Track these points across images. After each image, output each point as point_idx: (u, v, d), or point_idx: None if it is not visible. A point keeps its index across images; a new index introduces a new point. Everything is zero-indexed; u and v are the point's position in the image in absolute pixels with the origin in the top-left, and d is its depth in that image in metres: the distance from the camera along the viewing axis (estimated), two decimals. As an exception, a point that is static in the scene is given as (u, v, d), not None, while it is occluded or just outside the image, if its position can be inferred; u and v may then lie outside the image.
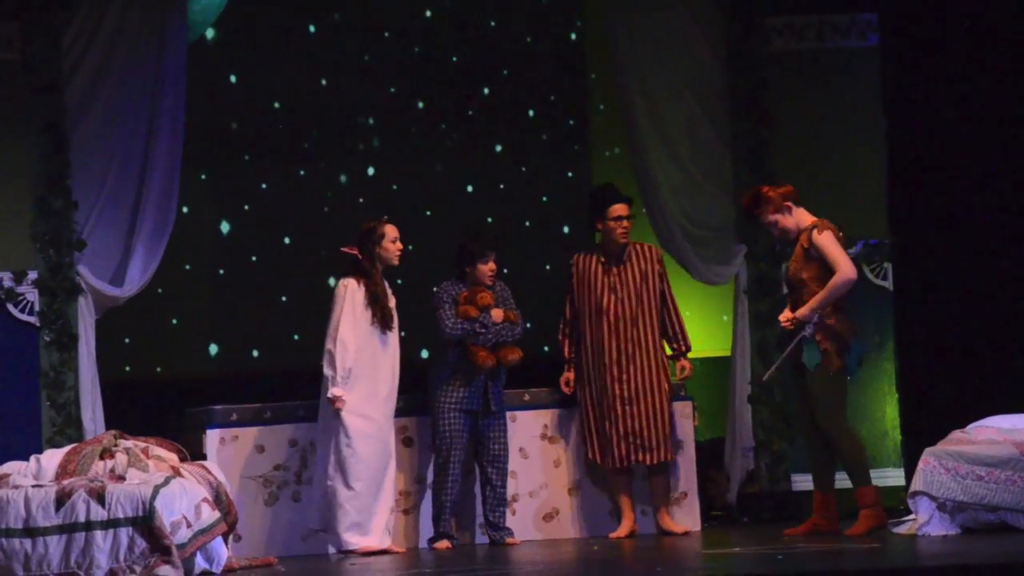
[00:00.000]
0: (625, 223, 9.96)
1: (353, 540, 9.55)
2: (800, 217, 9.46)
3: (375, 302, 9.63)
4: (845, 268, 9.28)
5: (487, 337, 9.86)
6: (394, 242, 9.74)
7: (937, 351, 10.33)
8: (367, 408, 9.61)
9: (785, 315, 9.42)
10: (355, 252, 9.72)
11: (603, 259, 10.01)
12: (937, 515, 9.02)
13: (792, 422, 10.33)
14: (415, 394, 10.00)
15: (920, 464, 9.13)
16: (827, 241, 9.31)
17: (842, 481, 9.48)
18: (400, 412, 9.89)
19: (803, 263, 9.38)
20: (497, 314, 9.91)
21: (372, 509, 9.59)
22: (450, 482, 9.84)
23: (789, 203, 9.46)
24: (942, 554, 8.26)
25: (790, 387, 9.72)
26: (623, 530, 9.98)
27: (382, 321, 9.63)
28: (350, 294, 9.62)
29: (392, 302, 9.77)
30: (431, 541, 9.89)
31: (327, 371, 9.57)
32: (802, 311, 9.31)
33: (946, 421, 9.49)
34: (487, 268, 9.92)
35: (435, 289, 9.98)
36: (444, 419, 9.83)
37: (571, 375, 10.05)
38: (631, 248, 10.04)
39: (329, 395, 9.54)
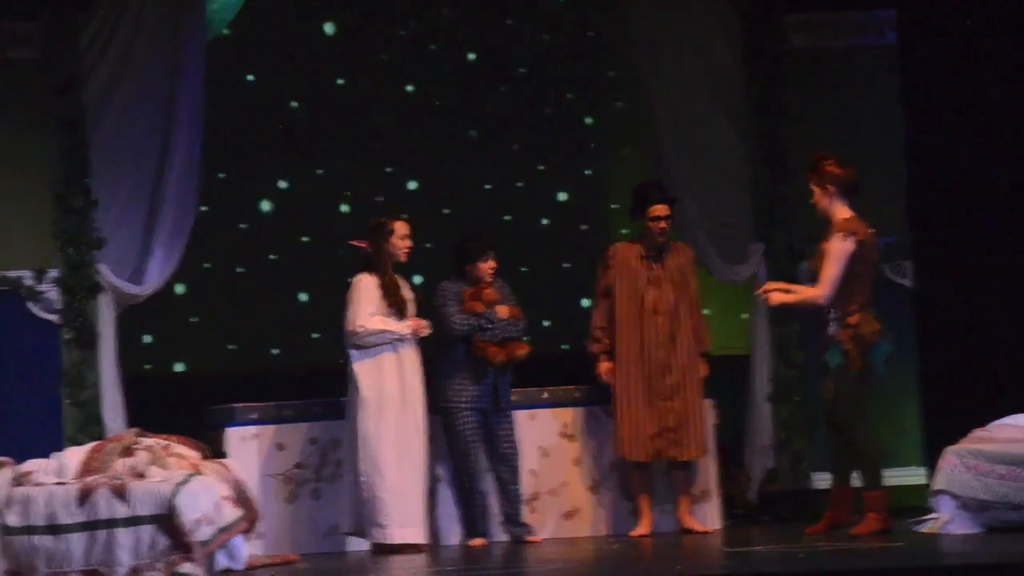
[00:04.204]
0: (663, 224, 9.96)
1: (397, 534, 9.53)
2: (837, 209, 9.35)
3: (388, 293, 9.66)
4: (820, 291, 9.20)
5: (494, 333, 9.87)
6: (403, 239, 9.76)
7: (958, 349, 10.33)
8: (395, 399, 9.62)
9: (768, 290, 9.41)
10: (365, 246, 9.76)
11: (644, 252, 10.02)
12: (959, 514, 9.02)
13: (811, 420, 10.32)
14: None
15: (942, 463, 9.12)
16: (834, 254, 9.20)
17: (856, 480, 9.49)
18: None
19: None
20: (502, 310, 9.91)
21: (413, 500, 9.58)
22: (476, 480, 9.83)
23: (834, 188, 9.34)
24: (964, 553, 8.26)
25: (813, 383, 9.72)
26: (642, 528, 9.98)
27: (397, 312, 9.66)
28: (364, 288, 9.66)
29: (409, 294, 9.79)
30: (466, 539, 9.88)
31: (376, 338, 9.56)
32: (781, 299, 9.32)
33: (967, 419, 9.47)
34: (487, 266, 9.93)
35: (438, 288, 9.97)
36: (459, 419, 9.82)
37: (610, 364, 10.01)
38: (668, 244, 10.06)
39: (405, 331, 9.57)
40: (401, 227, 9.76)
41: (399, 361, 9.67)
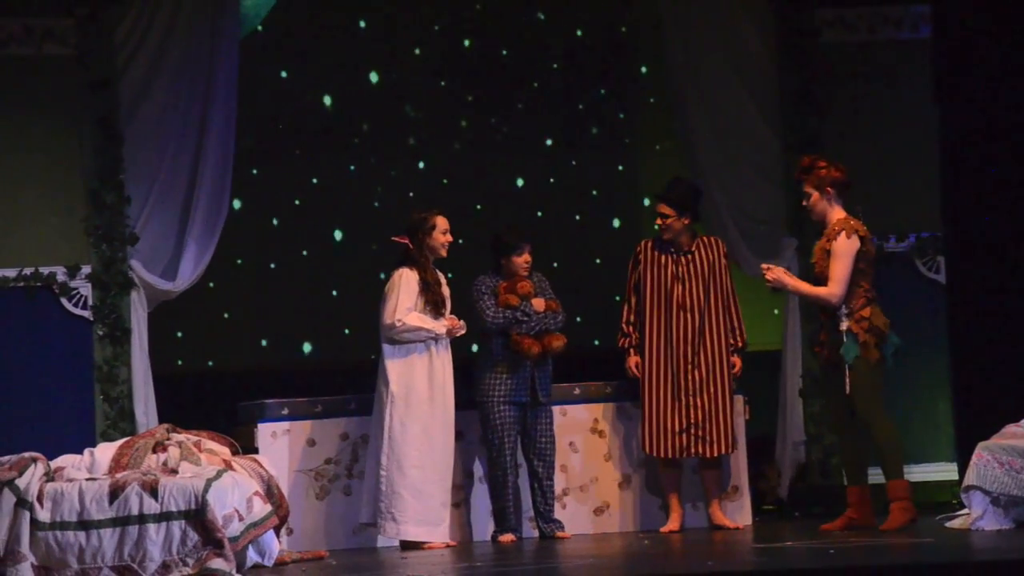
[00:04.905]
0: (658, 221, 9.97)
1: (412, 531, 9.56)
2: (832, 210, 9.43)
3: (428, 289, 9.67)
4: (835, 290, 9.30)
5: (530, 325, 9.87)
6: (444, 233, 9.78)
7: (990, 344, 10.26)
8: (424, 396, 9.64)
9: (776, 273, 9.45)
10: (406, 241, 9.76)
11: (672, 248, 10.01)
12: (991, 509, 8.98)
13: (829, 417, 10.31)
14: (467, 389, 10.00)
15: (973, 458, 9.08)
16: (841, 251, 9.30)
17: (875, 476, 9.47)
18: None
19: (828, 261, 9.39)
20: (539, 303, 9.91)
21: (432, 500, 9.60)
22: (508, 475, 9.83)
23: (831, 189, 9.43)
24: (996, 549, 8.22)
25: (823, 382, 9.73)
26: (672, 524, 9.97)
27: (434, 308, 9.67)
28: (405, 281, 9.67)
29: (446, 291, 9.81)
30: (496, 535, 9.89)
31: (412, 335, 9.58)
32: (793, 284, 9.42)
33: (1000, 415, 9.43)
34: (522, 260, 9.94)
35: (474, 283, 9.98)
36: (495, 412, 9.83)
37: (639, 358, 10.01)
38: (698, 240, 10.04)
39: (441, 330, 9.59)
40: (442, 222, 9.78)
41: (431, 360, 9.69)
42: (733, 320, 10.05)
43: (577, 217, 13.14)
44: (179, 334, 12.35)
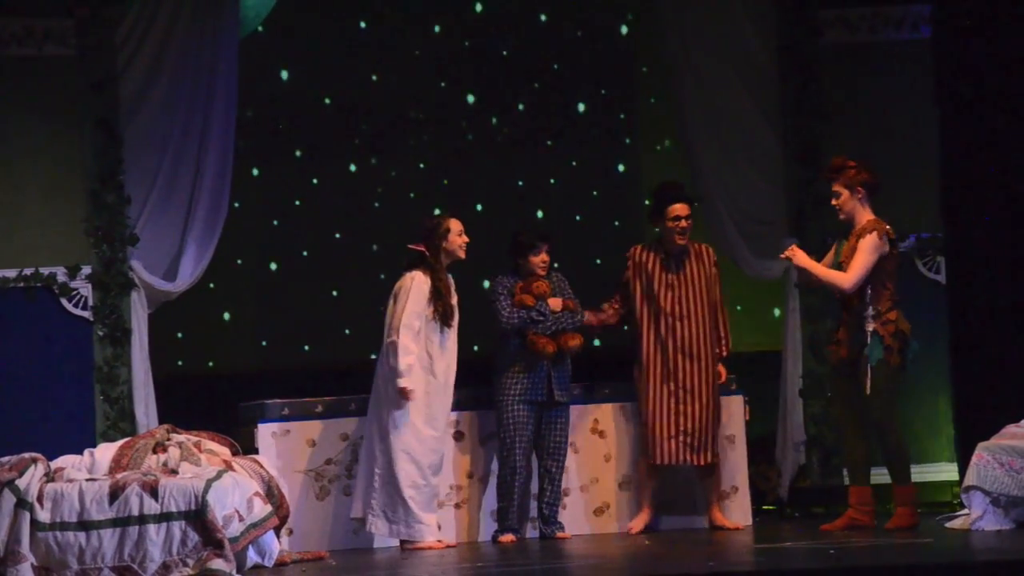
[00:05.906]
0: (683, 223, 9.93)
1: (404, 531, 9.57)
2: (862, 211, 9.45)
3: (438, 297, 9.66)
4: (851, 277, 9.34)
5: (546, 325, 9.87)
6: (460, 235, 9.78)
7: (990, 345, 10.27)
8: (422, 401, 9.63)
9: (798, 256, 9.47)
10: (422, 249, 9.74)
11: (662, 255, 10.00)
12: (991, 510, 8.99)
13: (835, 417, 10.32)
14: (468, 389, 10.01)
15: (973, 459, 9.09)
16: (865, 246, 9.34)
17: (876, 476, 9.46)
18: (452, 406, 9.88)
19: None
20: (555, 303, 9.92)
21: (428, 501, 9.61)
22: (516, 474, 9.83)
23: (862, 189, 9.44)
24: (995, 549, 8.23)
25: (833, 380, 9.74)
26: (639, 524, 9.96)
27: (443, 317, 9.66)
28: (417, 286, 9.65)
29: (455, 299, 9.80)
30: (496, 535, 9.89)
31: (392, 363, 9.56)
32: (809, 264, 9.44)
33: (1000, 415, 9.44)
34: (538, 259, 9.95)
35: (491, 283, 9.99)
36: (508, 411, 9.83)
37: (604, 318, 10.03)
38: (690, 247, 10.02)
39: (400, 385, 9.54)
40: (456, 224, 9.78)
41: (431, 361, 9.67)
42: (719, 329, 10.04)
43: (577, 218, 13.14)
44: (179, 335, 12.35)
